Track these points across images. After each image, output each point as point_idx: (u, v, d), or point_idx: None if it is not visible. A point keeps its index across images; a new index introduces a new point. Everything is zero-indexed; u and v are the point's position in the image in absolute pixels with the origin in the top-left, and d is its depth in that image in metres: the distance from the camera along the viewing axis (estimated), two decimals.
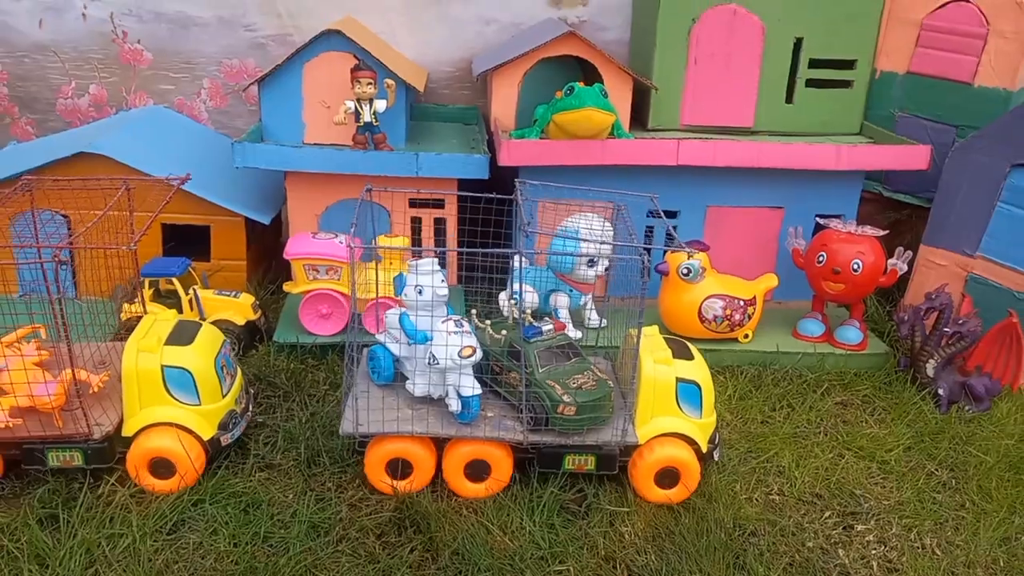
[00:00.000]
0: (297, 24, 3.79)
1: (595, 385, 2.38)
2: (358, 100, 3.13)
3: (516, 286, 3.20)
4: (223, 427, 2.42)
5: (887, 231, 3.18)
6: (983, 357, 3.09)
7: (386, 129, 3.22)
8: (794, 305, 3.40)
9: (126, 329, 2.93)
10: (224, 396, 2.43)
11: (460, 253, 3.48)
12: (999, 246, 3.14)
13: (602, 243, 2.88)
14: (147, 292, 2.98)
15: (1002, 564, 2.28)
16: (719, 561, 2.20)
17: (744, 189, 3.36)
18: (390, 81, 3.15)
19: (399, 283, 2.45)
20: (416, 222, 3.41)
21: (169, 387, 2.34)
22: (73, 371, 2.31)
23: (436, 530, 2.24)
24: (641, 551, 2.24)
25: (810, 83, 3.48)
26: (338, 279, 3.04)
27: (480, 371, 2.45)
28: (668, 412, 2.40)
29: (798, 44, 3.41)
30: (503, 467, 2.38)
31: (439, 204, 3.39)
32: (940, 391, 2.98)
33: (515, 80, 3.36)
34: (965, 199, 3.23)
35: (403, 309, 2.44)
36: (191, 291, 2.99)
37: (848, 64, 3.47)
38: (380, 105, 3.16)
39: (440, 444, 2.40)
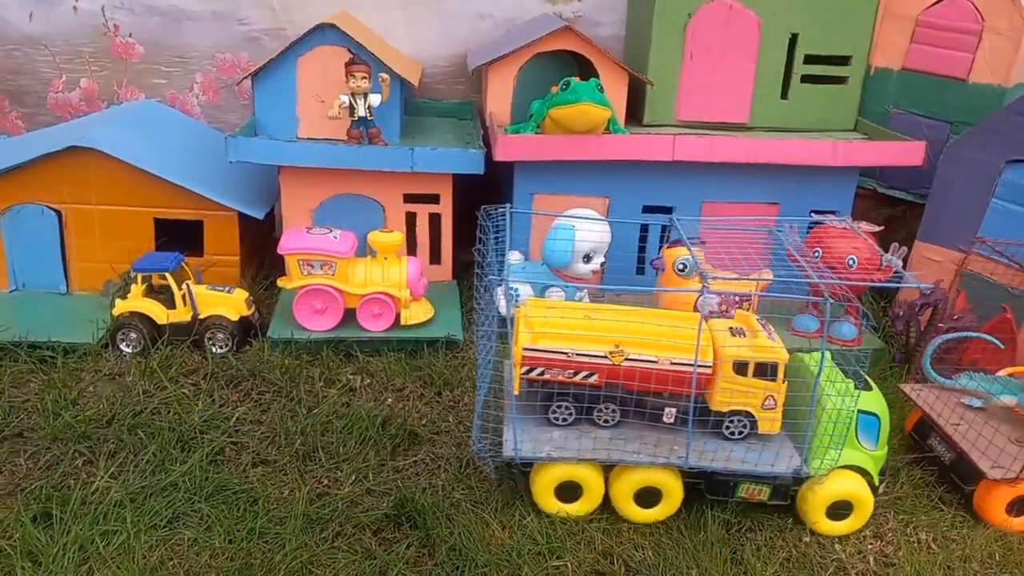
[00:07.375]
0: (291, 18, 3.77)
1: None
2: (352, 94, 3.11)
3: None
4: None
5: (882, 227, 3.18)
6: (977, 353, 3.10)
7: (380, 124, 3.20)
8: (789, 301, 3.40)
9: (116, 325, 2.91)
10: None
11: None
12: None
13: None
14: (140, 287, 2.96)
15: (997, 559, 2.28)
16: (716, 556, 2.20)
17: (739, 185, 3.36)
18: (385, 75, 3.13)
19: None
20: (411, 217, 3.40)
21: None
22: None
23: (433, 526, 2.23)
24: (639, 546, 2.24)
25: (805, 79, 3.48)
26: (332, 274, 3.02)
27: None
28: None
29: (793, 40, 3.41)
30: None
31: (434, 199, 3.37)
32: None
33: (510, 75, 3.35)
34: (960, 195, 3.23)
35: None
36: (184, 286, 2.97)
37: (843, 60, 3.48)
38: (374, 99, 3.14)
39: None
